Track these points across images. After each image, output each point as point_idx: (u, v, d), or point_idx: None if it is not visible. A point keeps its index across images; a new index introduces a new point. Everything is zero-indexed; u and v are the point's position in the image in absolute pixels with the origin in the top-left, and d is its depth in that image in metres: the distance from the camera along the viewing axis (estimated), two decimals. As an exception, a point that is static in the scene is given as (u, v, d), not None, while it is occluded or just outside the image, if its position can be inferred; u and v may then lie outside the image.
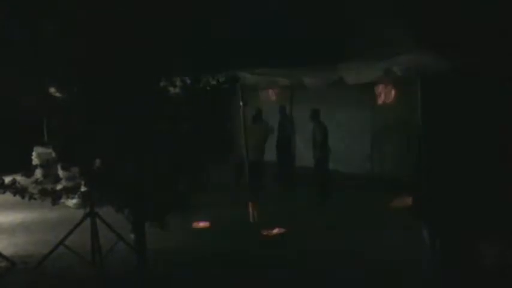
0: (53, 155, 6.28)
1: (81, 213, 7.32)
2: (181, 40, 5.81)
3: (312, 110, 10.74)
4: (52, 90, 6.17)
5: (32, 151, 12.49)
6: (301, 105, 13.37)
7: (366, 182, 11.35)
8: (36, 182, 6.07)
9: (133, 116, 5.80)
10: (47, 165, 6.21)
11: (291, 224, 8.65)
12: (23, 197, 5.90)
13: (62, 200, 6.21)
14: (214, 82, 6.16)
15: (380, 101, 11.38)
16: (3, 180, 5.91)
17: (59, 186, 6.31)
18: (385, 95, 11.14)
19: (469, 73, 5.48)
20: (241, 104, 8.33)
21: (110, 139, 5.89)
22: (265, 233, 8.37)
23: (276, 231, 8.42)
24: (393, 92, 10.82)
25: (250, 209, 9.00)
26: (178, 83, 6.01)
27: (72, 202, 9.80)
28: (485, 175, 5.37)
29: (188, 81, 6.02)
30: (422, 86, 5.87)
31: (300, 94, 13.24)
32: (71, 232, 7.17)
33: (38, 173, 6.30)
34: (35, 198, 5.93)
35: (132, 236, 6.61)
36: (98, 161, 6.10)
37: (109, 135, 5.88)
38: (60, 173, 7.62)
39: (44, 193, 5.95)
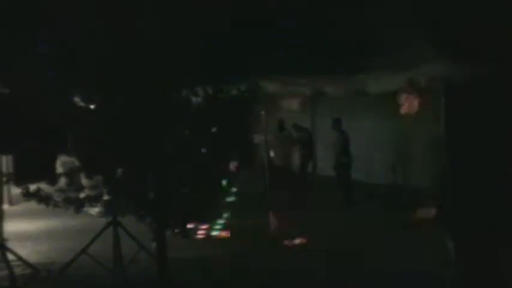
0: (77, 163, 6.34)
1: (103, 221, 7.36)
2: (201, 49, 5.83)
3: (334, 119, 10.73)
4: (76, 99, 6.25)
5: (57, 160, 12.63)
6: (323, 114, 13.37)
7: (389, 192, 11.23)
8: (60, 190, 6.13)
9: (155, 126, 5.84)
10: (71, 174, 6.27)
11: (312, 233, 8.61)
12: (47, 205, 5.96)
13: (85, 209, 6.26)
14: (235, 91, 6.17)
15: (403, 110, 11.28)
16: (28, 189, 5.98)
17: (82, 195, 6.36)
18: (409, 104, 11.04)
19: (493, 82, 5.38)
20: (262, 113, 8.32)
21: (132, 149, 5.93)
22: (287, 243, 8.32)
23: (298, 241, 8.37)
24: (416, 102, 10.72)
25: (271, 219, 8.96)
26: (200, 92, 6.04)
27: (94, 210, 9.88)
28: (510, 185, 5.28)
29: (210, 91, 6.05)
30: (446, 95, 5.80)
31: (321, 103, 13.23)
32: (93, 240, 7.21)
33: (62, 182, 6.37)
34: (59, 206, 5.99)
35: (153, 245, 6.63)
36: (120, 170, 6.14)
37: (131, 144, 5.92)
38: (84, 181, 7.68)
39: (68, 201, 6.01)
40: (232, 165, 10.33)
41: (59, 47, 5.81)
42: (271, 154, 11.20)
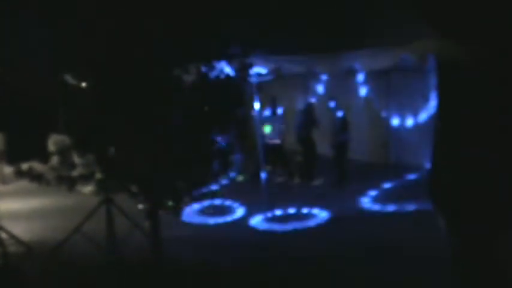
0: (68, 142, 6.33)
1: (96, 200, 7.37)
2: (193, 27, 5.79)
3: (331, 98, 10.71)
4: (67, 78, 6.21)
5: (48, 138, 12.61)
6: (316, 92, 13.32)
7: (381, 170, 11.31)
8: (52, 168, 6.13)
9: (147, 105, 5.82)
10: (63, 152, 6.27)
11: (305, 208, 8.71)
12: (39, 184, 5.96)
13: (78, 187, 6.27)
14: (228, 69, 6.16)
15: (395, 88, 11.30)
16: (20, 167, 5.98)
17: (74, 173, 6.36)
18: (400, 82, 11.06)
19: (488, 62, 5.33)
20: (254, 92, 8.28)
21: (125, 128, 5.92)
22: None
23: None
24: (408, 79, 10.72)
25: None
26: (192, 70, 6.01)
27: (87, 189, 9.89)
28: (505, 164, 5.30)
29: (202, 69, 6.03)
30: (439, 73, 5.78)
31: (314, 82, 13.19)
32: (86, 219, 7.23)
33: (54, 160, 6.37)
34: (51, 185, 6.00)
35: (147, 223, 6.66)
36: (112, 149, 6.14)
37: (123, 123, 5.91)
38: (76, 159, 7.67)
39: (59, 180, 6.01)
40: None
41: (52, 27, 5.77)
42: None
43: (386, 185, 10.06)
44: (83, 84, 6.16)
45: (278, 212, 8.71)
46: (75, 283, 6.21)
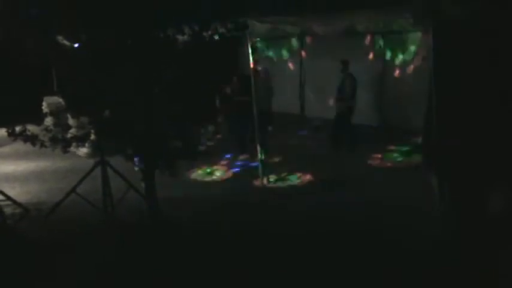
0: (63, 103, 6.29)
1: (92, 163, 7.38)
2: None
3: (342, 61, 10.47)
4: (60, 38, 6.12)
5: (42, 101, 12.54)
6: (312, 54, 13.23)
7: (375, 133, 11.33)
8: (46, 129, 6.10)
9: (140, 64, 5.77)
10: (57, 113, 6.23)
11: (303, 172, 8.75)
12: (34, 145, 5.94)
13: (73, 150, 6.26)
14: (223, 30, 6.08)
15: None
16: (14, 128, 5.94)
17: (68, 135, 6.34)
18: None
19: (486, 21, 5.27)
20: (250, 52, 8.17)
21: (118, 88, 5.87)
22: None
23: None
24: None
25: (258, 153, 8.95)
26: (186, 30, 5.93)
27: (83, 151, 9.90)
28: (494, 124, 5.34)
29: (196, 29, 5.94)
30: (434, 33, 5.72)
31: (310, 43, 13.08)
32: (82, 180, 7.24)
33: (48, 121, 6.33)
34: (45, 146, 5.98)
35: (142, 184, 6.69)
36: (107, 111, 6.11)
37: (117, 84, 5.87)
38: (71, 121, 7.63)
39: (54, 140, 5.99)
40: None
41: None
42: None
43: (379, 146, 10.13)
44: (76, 45, 6.07)
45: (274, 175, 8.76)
46: (73, 242, 6.26)
